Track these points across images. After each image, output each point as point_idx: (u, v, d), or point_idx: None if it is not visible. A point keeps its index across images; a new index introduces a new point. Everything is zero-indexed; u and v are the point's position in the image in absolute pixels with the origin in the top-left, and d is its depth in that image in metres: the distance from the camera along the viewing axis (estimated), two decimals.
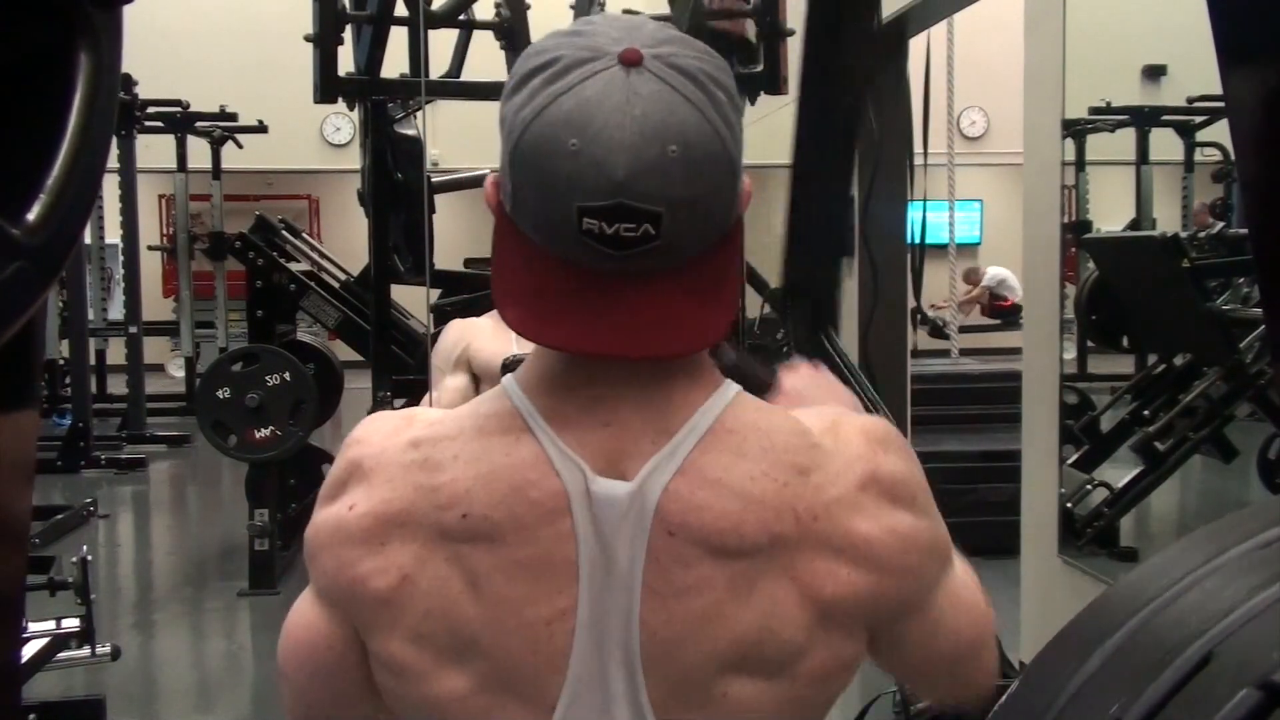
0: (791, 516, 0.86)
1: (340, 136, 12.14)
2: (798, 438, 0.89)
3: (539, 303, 0.86)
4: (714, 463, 0.87)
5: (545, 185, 0.82)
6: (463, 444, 0.88)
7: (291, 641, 0.97)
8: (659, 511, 0.85)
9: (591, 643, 0.87)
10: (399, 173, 4.52)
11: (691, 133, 0.82)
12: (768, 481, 0.86)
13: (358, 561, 0.89)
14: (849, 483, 0.88)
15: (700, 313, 0.87)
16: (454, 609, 0.87)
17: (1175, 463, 4.18)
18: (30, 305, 0.90)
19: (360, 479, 0.90)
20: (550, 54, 0.84)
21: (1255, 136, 0.75)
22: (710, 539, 0.85)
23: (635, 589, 0.86)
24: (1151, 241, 4.70)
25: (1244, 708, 0.50)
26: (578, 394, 0.89)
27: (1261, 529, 0.66)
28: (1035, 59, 3.88)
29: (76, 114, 0.89)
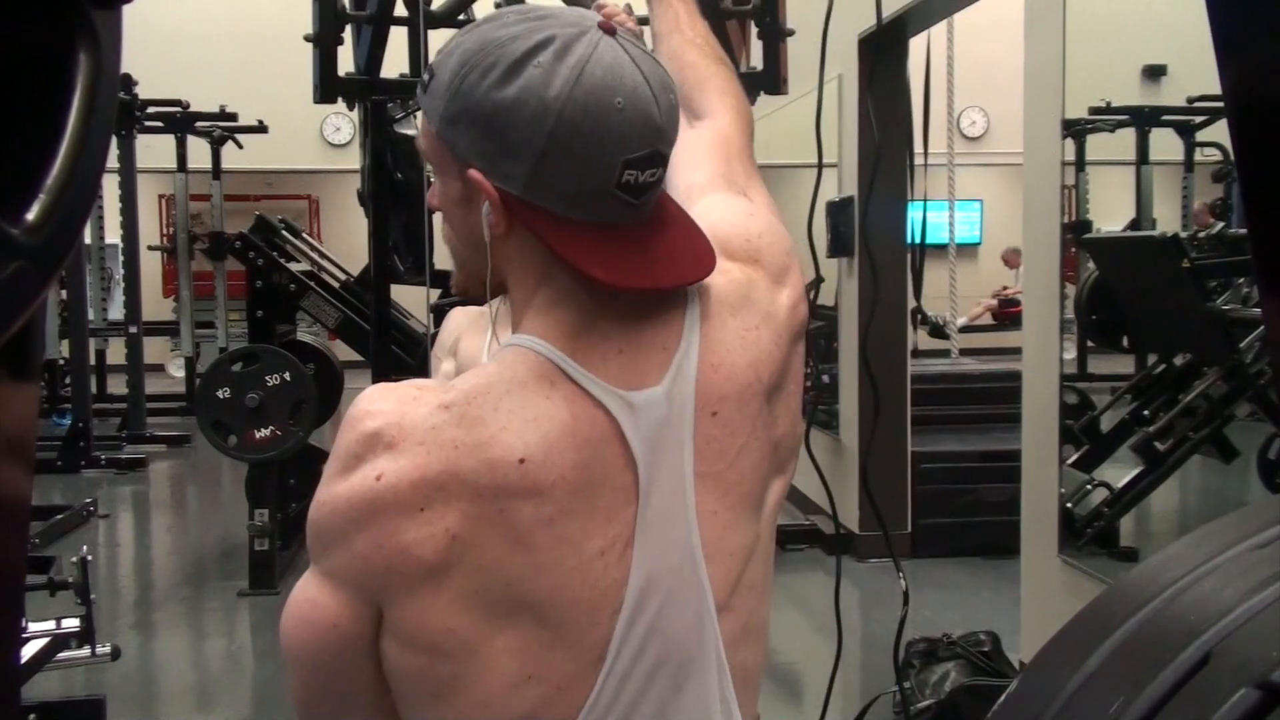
0: (776, 344, 1.03)
1: (340, 136, 12.14)
2: (739, 288, 1.03)
3: (612, 257, 0.94)
4: (714, 341, 0.99)
5: (593, 146, 0.90)
6: (499, 396, 0.91)
7: (296, 620, 0.93)
8: (699, 400, 0.96)
9: (648, 558, 0.93)
10: (399, 173, 4.52)
11: (673, 84, 0.96)
12: (751, 333, 1.01)
13: (400, 532, 0.87)
14: (780, 293, 1.07)
15: (700, 238, 1.00)
16: (505, 564, 0.88)
17: (1175, 463, 4.17)
18: (30, 305, 0.90)
19: (384, 448, 0.89)
20: (535, 36, 0.90)
21: (1255, 136, 0.75)
22: (745, 397, 0.98)
23: (688, 481, 0.94)
24: (1151, 241, 4.69)
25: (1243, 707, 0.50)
26: (588, 334, 0.95)
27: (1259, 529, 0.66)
28: (1035, 59, 3.88)
29: (76, 114, 0.89)
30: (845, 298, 5.90)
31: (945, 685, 3.47)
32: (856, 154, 5.57)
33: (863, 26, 5.16)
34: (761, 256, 1.07)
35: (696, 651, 0.95)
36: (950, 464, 5.73)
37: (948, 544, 5.49)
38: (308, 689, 0.96)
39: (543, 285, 0.96)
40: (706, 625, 0.96)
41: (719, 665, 0.97)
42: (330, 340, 6.97)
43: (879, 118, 2.79)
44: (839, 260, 5.84)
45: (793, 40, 3.40)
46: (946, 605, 4.71)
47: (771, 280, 1.06)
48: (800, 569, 5.40)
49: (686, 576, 0.94)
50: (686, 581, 0.94)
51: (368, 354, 4.73)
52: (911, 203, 5.34)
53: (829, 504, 2.20)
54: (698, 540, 0.94)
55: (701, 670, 0.96)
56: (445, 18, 3.85)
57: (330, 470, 0.91)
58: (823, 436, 5.99)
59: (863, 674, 4.21)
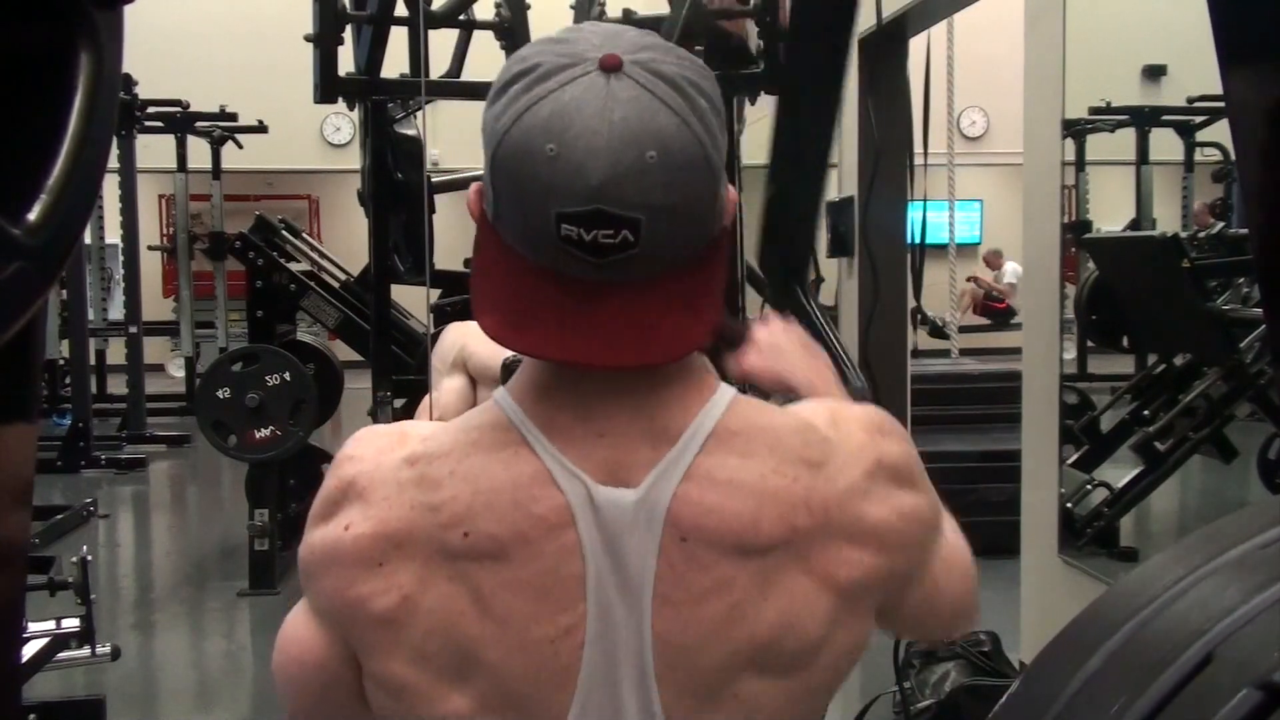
0: (805, 510, 0.87)
1: (340, 136, 12.14)
2: (803, 434, 0.90)
3: (517, 310, 0.86)
4: (722, 465, 0.87)
5: (524, 191, 0.82)
6: (458, 460, 0.87)
7: (285, 656, 0.96)
8: (670, 518, 0.85)
9: (600, 658, 0.86)
10: (399, 173, 4.52)
11: (670, 138, 0.81)
12: (779, 478, 0.87)
13: (357, 583, 0.87)
14: (857, 472, 0.90)
15: (680, 321, 0.86)
16: (456, 628, 0.86)
17: (1175, 463, 4.18)
18: (30, 305, 0.90)
19: (355, 498, 0.89)
20: (530, 61, 0.84)
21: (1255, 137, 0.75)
22: (727, 540, 0.86)
23: (646, 599, 0.86)
24: (1151, 241, 4.69)
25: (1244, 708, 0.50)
26: (570, 404, 0.88)
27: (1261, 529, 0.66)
28: (1035, 59, 3.88)
29: (76, 114, 0.89)
30: (845, 298, 5.90)
31: (945, 685, 3.47)
32: (856, 154, 5.57)
33: (863, 26, 5.16)
34: None
35: None
36: (950, 464, 5.73)
37: None
38: (294, 716, 0.99)
39: None
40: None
41: None
42: (330, 340, 6.97)
43: (879, 118, 2.79)
44: (839, 260, 5.84)
45: None
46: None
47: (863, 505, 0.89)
48: None
49: (638, 694, 0.87)
50: (637, 698, 0.87)
51: (368, 354, 4.72)
52: (911, 203, 5.34)
53: None
54: (651, 664, 0.86)
55: None
56: (445, 18, 3.86)
57: (313, 511, 0.92)
58: None
59: (863, 674, 4.20)
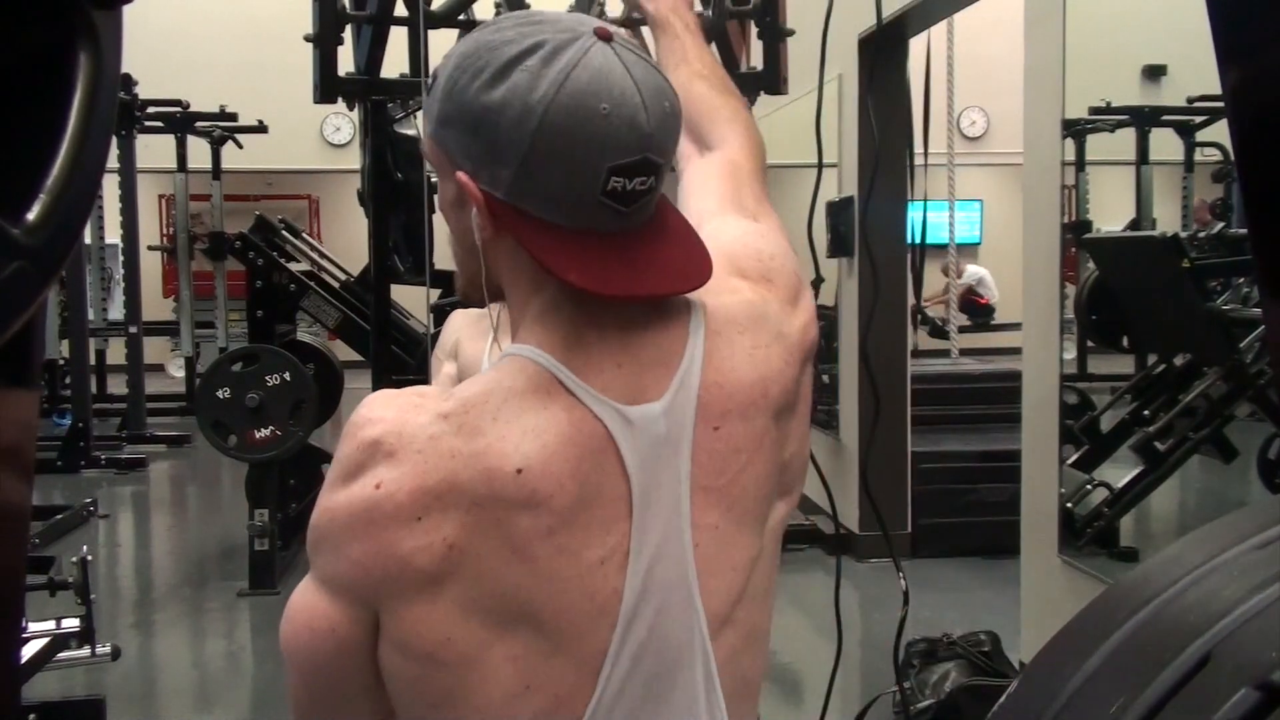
0: (786, 364, 1.02)
1: (340, 136, 12.14)
2: (751, 308, 1.03)
3: (593, 263, 0.92)
4: (721, 357, 0.98)
5: (577, 152, 0.88)
6: (499, 405, 0.91)
7: (294, 626, 0.94)
8: (700, 413, 0.95)
9: (643, 571, 0.92)
10: (399, 173, 4.52)
11: (671, 91, 0.94)
12: (761, 350, 1.00)
13: (398, 541, 0.87)
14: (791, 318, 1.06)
15: (692, 250, 0.98)
16: (503, 574, 0.88)
17: (1175, 463, 4.17)
18: (30, 305, 0.90)
19: (383, 457, 0.89)
20: (527, 40, 0.90)
21: (1255, 137, 0.75)
22: (749, 413, 0.98)
23: (684, 496, 0.94)
24: (1151, 241, 4.69)
25: (1243, 707, 0.50)
26: (587, 346, 0.94)
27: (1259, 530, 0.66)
28: (1035, 59, 3.88)
29: (76, 114, 0.89)
30: (845, 298, 5.90)
31: (945, 685, 3.47)
32: (856, 154, 5.58)
33: (863, 26, 5.16)
34: (774, 277, 1.07)
35: (687, 663, 0.95)
36: (950, 464, 5.73)
37: (948, 544, 5.49)
38: (307, 693, 0.97)
39: (536, 292, 0.96)
40: (696, 639, 0.95)
41: (707, 678, 0.97)
42: (330, 340, 6.97)
43: (879, 118, 2.78)
44: (839, 260, 5.84)
45: (793, 40, 3.40)
46: (946, 605, 4.71)
47: (784, 300, 1.06)
48: (800, 569, 5.40)
49: (679, 590, 0.94)
50: (679, 595, 0.94)
51: (368, 354, 4.73)
52: (911, 203, 5.34)
53: (829, 504, 2.20)
54: (691, 556, 0.94)
55: (689, 682, 0.96)
56: (445, 18, 3.85)
57: (331, 477, 0.92)
58: (823, 436, 5.99)
59: (863, 674, 4.21)
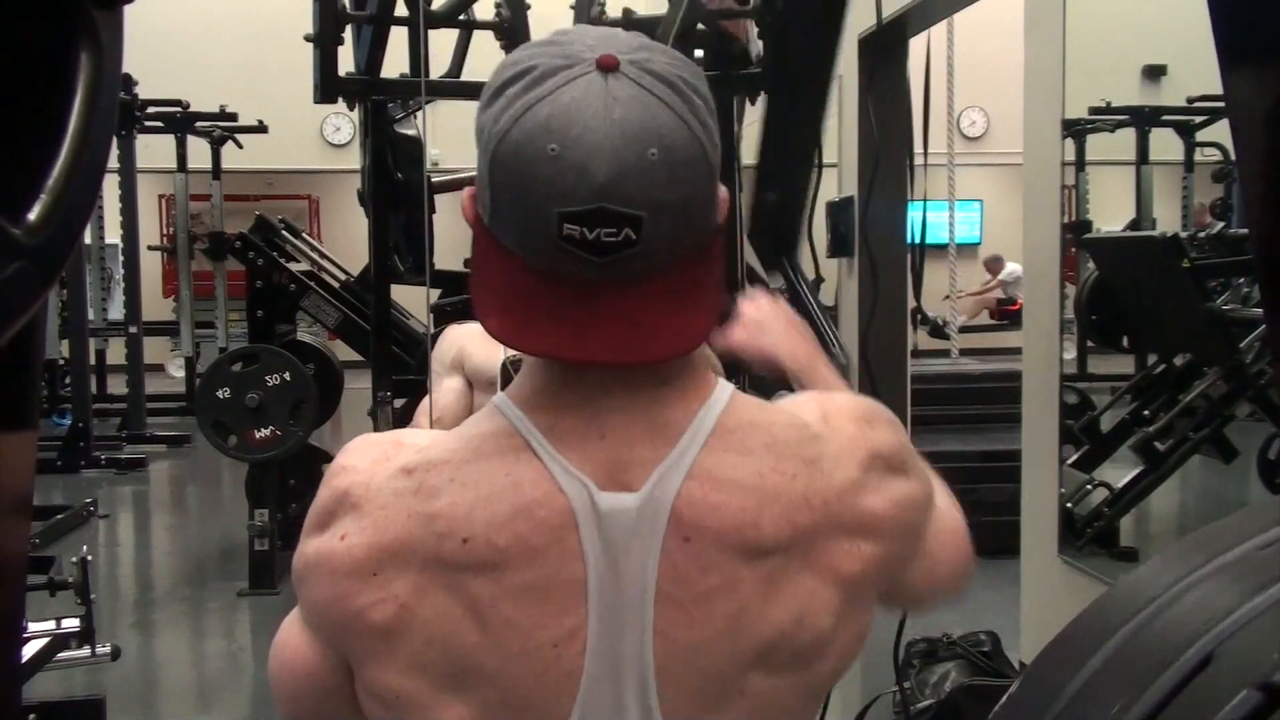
0: (806, 507, 0.88)
1: (340, 136, 12.14)
2: (797, 430, 0.91)
3: (521, 312, 0.86)
4: (722, 463, 0.87)
5: (524, 192, 0.82)
6: (458, 467, 0.87)
7: (278, 662, 0.97)
8: (673, 518, 0.86)
9: (602, 662, 0.86)
10: (399, 173, 4.52)
11: (670, 136, 0.82)
12: (777, 476, 0.88)
13: (353, 594, 0.87)
14: (852, 466, 0.91)
15: (682, 318, 0.87)
16: (455, 638, 0.86)
17: (1175, 463, 4.18)
18: (30, 305, 0.90)
19: (349, 508, 0.89)
20: (525, 63, 0.85)
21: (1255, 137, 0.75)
22: (731, 538, 0.86)
23: (648, 600, 0.86)
24: (1151, 241, 4.69)
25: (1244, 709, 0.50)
26: (572, 408, 0.88)
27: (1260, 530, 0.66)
28: (1035, 59, 3.88)
29: (77, 114, 0.89)
30: (845, 298, 5.90)
31: (945, 685, 3.47)
32: (856, 154, 5.58)
33: (863, 26, 5.16)
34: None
35: None
36: (950, 464, 5.68)
37: None
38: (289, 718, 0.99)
39: None
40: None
41: None
42: (330, 340, 6.97)
43: (879, 118, 2.79)
44: (839, 260, 5.84)
45: None
46: (946, 605, 4.70)
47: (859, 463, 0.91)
48: None
49: (638, 697, 0.88)
50: (637, 702, 0.88)
51: (368, 354, 4.72)
52: (911, 203, 5.34)
53: None
54: (652, 666, 0.87)
55: None
56: (445, 18, 3.85)
57: (308, 521, 0.93)
58: None
59: (863, 674, 4.20)
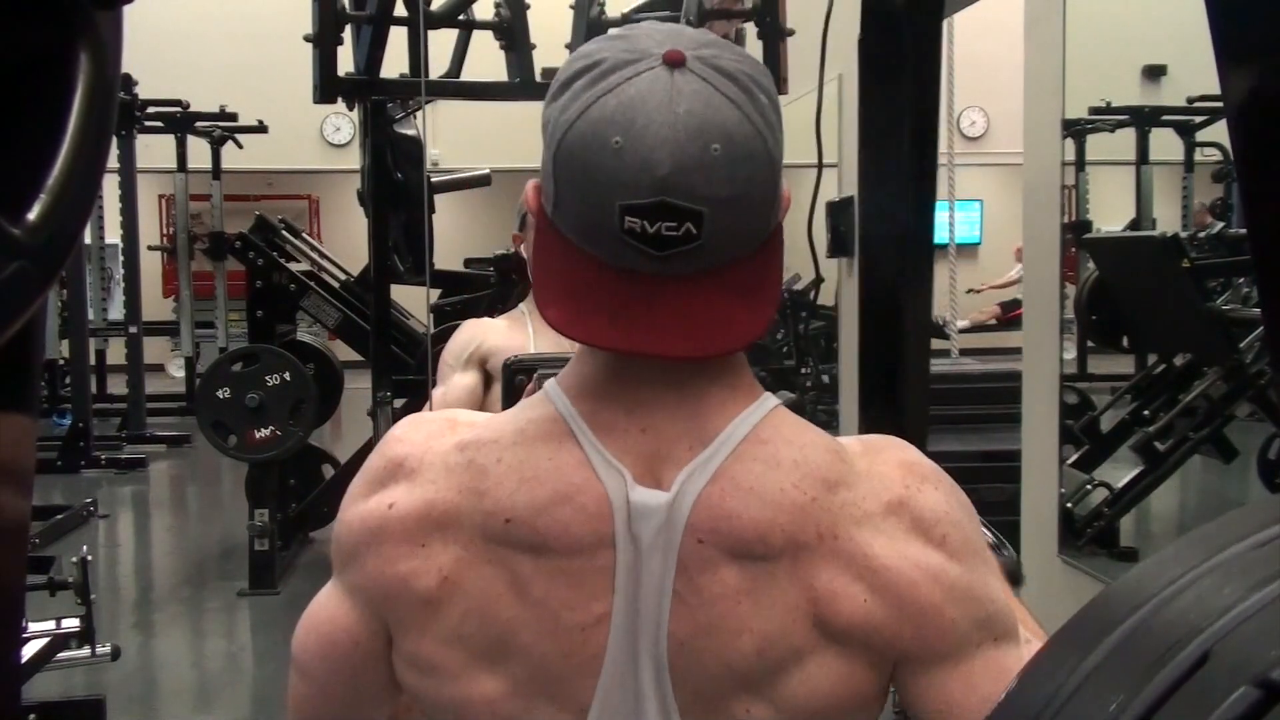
0: (814, 528, 0.87)
1: (340, 136, 12.14)
2: (831, 455, 0.90)
3: (580, 302, 0.87)
4: (746, 472, 0.87)
5: (588, 184, 0.83)
6: (505, 448, 0.89)
7: (314, 634, 0.96)
8: (691, 519, 0.86)
9: (624, 649, 0.88)
10: (399, 173, 4.52)
11: (734, 131, 0.83)
12: (797, 493, 0.87)
13: (398, 560, 0.89)
14: (875, 505, 0.89)
15: (739, 314, 0.87)
16: (493, 611, 0.87)
17: (1175, 463, 4.18)
18: (30, 305, 0.90)
19: (403, 477, 0.90)
20: (594, 57, 0.85)
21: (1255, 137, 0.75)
22: (737, 547, 0.86)
23: (666, 597, 0.87)
24: (1151, 241, 4.70)
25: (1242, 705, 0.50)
26: (618, 399, 0.89)
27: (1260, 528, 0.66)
28: (1035, 59, 3.88)
29: (76, 114, 0.89)
30: (845, 298, 5.90)
31: None
32: (857, 154, 5.57)
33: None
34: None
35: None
36: (950, 464, 5.70)
37: None
38: (324, 698, 0.97)
39: None
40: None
41: None
42: (330, 340, 6.97)
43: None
44: (839, 260, 5.84)
45: (793, 40, 3.41)
46: None
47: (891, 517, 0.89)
48: None
49: (653, 685, 0.88)
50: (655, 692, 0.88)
51: (368, 354, 4.73)
52: None
53: None
54: (666, 660, 0.88)
55: None
56: (445, 18, 3.86)
57: (355, 487, 0.93)
58: None
59: None
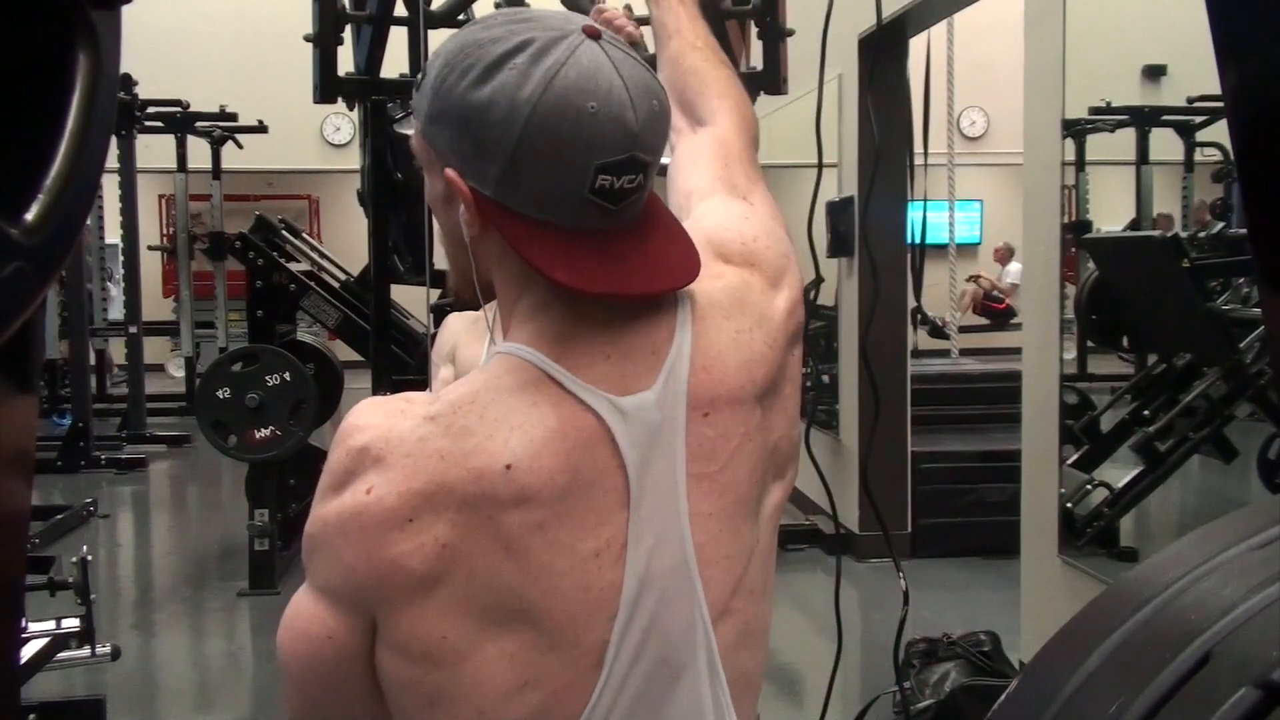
0: (769, 346, 1.02)
1: (340, 136, 12.14)
2: (733, 293, 1.03)
3: (569, 260, 0.92)
4: (709, 344, 0.98)
5: (563, 151, 0.89)
6: (485, 405, 0.91)
7: (292, 633, 0.95)
8: (691, 401, 0.95)
9: (641, 560, 0.92)
10: (399, 173, 4.52)
11: (658, 89, 0.94)
12: (745, 335, 1.00)
13: (389, 544, 0.88)
14: (774, 294, 1.06)
15: (682, 248, 0.99)
16: (497, 568, 0.88)
17: (1175, 463, 4.17)
18: (29, 305, 0.90)
19: (372, 463, 0.90)
20: (515, 38, 0.90)
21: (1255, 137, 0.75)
22: (738, 398, 0.98)
23: (680, 486, 0.94)
24: (1151, 241, 4.69)
25: (1243, 706, 0.50)
26: (575, 339, 0.95)
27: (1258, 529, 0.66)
28: (1035, 59, 3.88)
29: (76, 114, 0.89)
30: (845, 298, 5.90)
31: (945, 685, 3.47)
32: (856, 154, 5.57)
33: (863, 26, 5.16)
34: (758, 260, 1.07)
35: (689, 654, 0.95)
36: (950, 464, 5.73)
37: (948, 544, 5.49)
38: (305, 700, 0.97)
39: (525, 291, 0.97)
40: (699, 628, 0.95)
41: (711, 668, 0.96)
42: (330, 340, 6.97)
43: (879, 118, 2.78)
44: (839, 260, 5.84)
45: (793, 40, 3.40)
46: (946, 605, 4.71)
47: (767, 283, 1.06)
48: (800, 569, 5.40)
49: (680, 578, 0.94)
50: (680, 583, 0.94)
51: (368, 354, 4.72)
52: (911, 203, 5.34)
53: (829, 504, 2.20)
54: (691, 543, 0.94)
55: (694, 673, 0.95)
56: (445, 18, 3.85)
57: (322, 486, 0.92)
58: (823, 436, 5.99)
59: (863, 674, 4.21)
